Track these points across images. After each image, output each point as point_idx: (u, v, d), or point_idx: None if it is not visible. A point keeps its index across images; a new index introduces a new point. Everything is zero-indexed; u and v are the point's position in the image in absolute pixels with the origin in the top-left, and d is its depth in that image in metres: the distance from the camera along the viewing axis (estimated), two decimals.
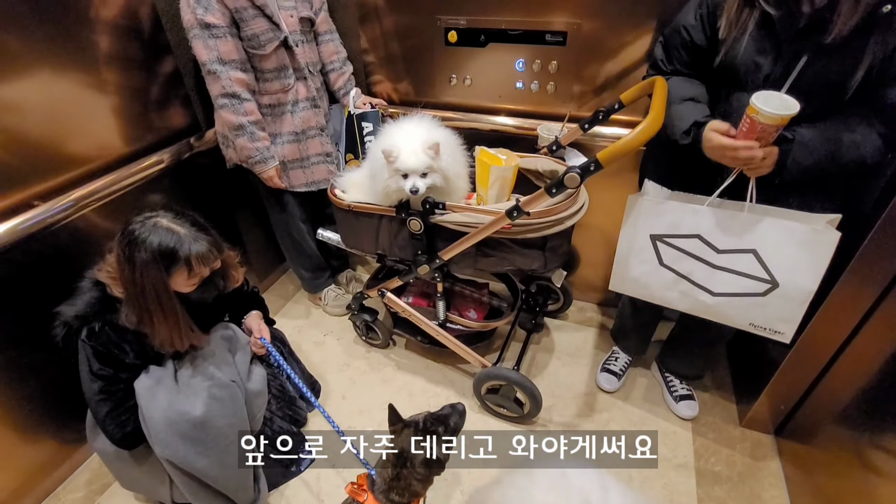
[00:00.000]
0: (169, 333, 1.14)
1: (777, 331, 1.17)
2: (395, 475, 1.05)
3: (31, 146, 1.27)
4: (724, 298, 1.19)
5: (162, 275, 1.08)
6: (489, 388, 1.57)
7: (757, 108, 0.93)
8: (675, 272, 1.23)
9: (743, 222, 1.08)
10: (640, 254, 1.25)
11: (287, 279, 2.34)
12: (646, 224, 1.21)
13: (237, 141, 1.53)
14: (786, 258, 1.07)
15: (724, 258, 1.14)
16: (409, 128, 1.34)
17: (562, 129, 1.55)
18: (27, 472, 1.39)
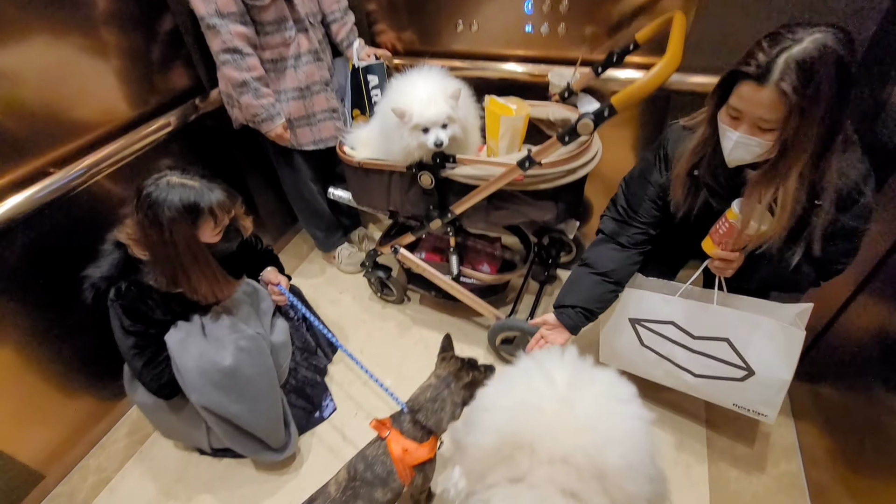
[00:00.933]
0: (209, 285, 1.19)
1: (760, 412, 1.21)
2: (434, 396, 1.13)
3: (38, 114, 1.27)
4: (705, 380, 1.23)
5: (191, 229, 1.11)
6: (504, 338, 1.60)
7: (738, 215, 0.97)
8: (657, 353, 1.27)
9: (713, 313, 1.12)
10: (622, 334, 1.30)
11: (300, 239, 2.37)
12: (624, 308, 1.26)
13: (242, 99, 1.51)
14: (759, 349, 1.11)
15: (700, 343, 1.19)
16: (419, 80, 1.29)
17: (574, 73, 1.49)
18: (72, 425, 1.49)
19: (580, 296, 1.23)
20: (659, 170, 1.16)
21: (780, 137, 0.87)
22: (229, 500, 1.40)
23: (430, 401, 1.14)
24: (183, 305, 1.24)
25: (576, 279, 1.26)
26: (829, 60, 0.79)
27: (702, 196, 1.06)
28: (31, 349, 1.33)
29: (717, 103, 0.95)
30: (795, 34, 0.81)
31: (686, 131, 1.09)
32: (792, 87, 0.80)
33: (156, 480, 1.47)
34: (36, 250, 1.30)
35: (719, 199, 1.04)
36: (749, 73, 0.84)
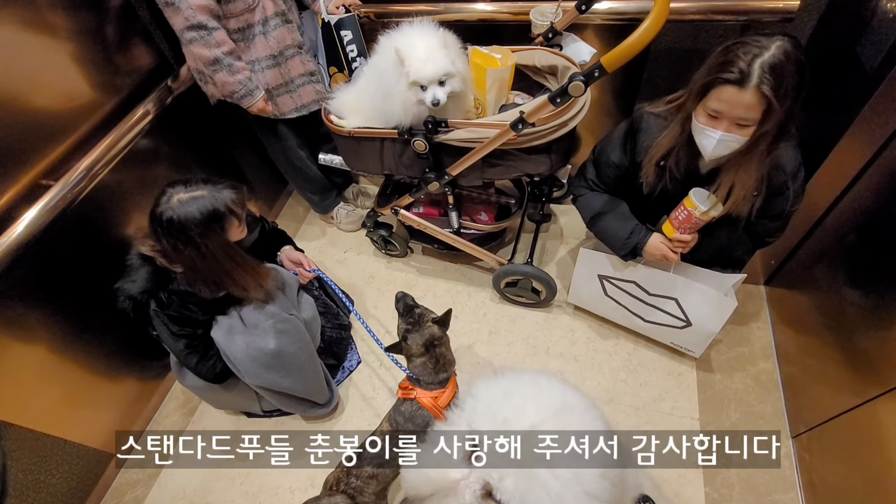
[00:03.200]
0: (254, 280, 1.27)
1: (690, 350, 1.55)
2: (435, 358, 1.26)
3: (18, 121, 1.23)
4: (652, 325, 1.53)
5: (221, 235, 1.16)
6: (507, 282, 1.72)
7: (695, 205, 1.16)
8: (617, 302, 1.54)
9: (668, 279, 1.36)
10: (590, 285, 1.54)
11: (295, 202, 2.37)
12: (596, 266, 1.48)
13: (216, 77, 1.45)
14: (698, 308, 1.38)
15: (654, 299, 1.45)
16: (414, 35, 1.25)
17: (556, 10, 1.44)
18: (124, 407, 1.63)
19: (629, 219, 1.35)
20: (624, 151, 1.31)
21: (756, 132, 1.02)
22: (294, 441, 1.59)
23: (435, 364, 1.27)
24: (219, 303, 1.32)
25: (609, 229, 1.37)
26: (792, 62, 0.95)
27: (663, 181, 1.23)
28: (68, 345, 1.42)
29: (691, 105, 1.08)
30: (760, 42, 0.96)
31: (656, 119, 1.22)
32: (770, 88, 0.95)
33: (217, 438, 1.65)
34: (55, 257, 1.34)
35: (675, 184, 1.22)
36: (730, 79, 0.97)
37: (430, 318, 1.29)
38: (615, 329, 1.70)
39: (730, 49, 0.99)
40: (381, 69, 1.30)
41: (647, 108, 1.25)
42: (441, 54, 1.22)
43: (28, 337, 1.32)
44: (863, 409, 1.14)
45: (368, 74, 1.42)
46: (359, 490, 1.19)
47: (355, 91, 1.49)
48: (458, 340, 1.75)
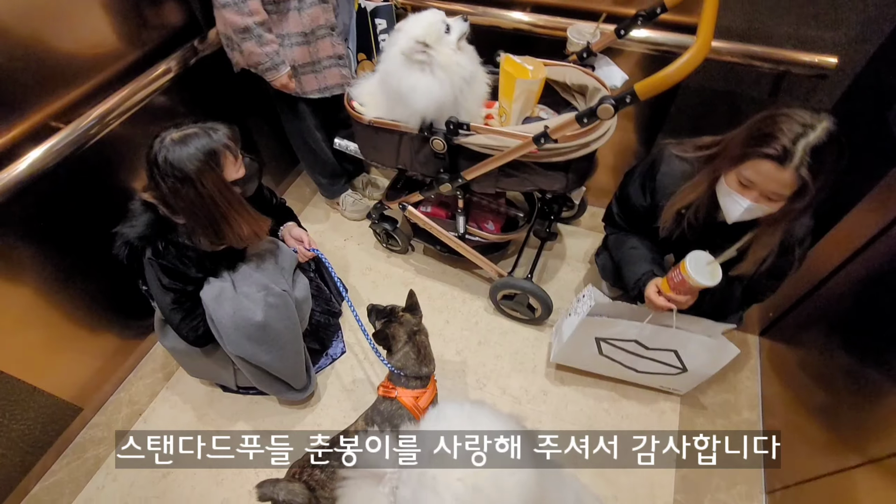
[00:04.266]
0: (250, 226, 1.23)
1: (676, 391, 1.58)
2: (417, 347, 1.28)
3: (38, 60, 1.21)
4: (645, 375, 1.53)
5: (217, 172, 1.13)
6: (504, 294, 1.70)
7: (689, 273, 1.13)
8: (611, 359, 1.51)
9: (670, 334, 1.34)
10: (584, 347, 1.48)
11: (303, 182, 2.35)
12: (593, 329, 1.41)
13: (244, 45, 1.43)
14: (697, 357, 1.38)
15: (653, 353, 1.42)
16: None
17: (594, 31, 1.43)
18: (100, 362, 1.61)
19: (644, 262, 1.34)
20: (643, 191, 1.31)
21: (784, 206, 1.03)
22: (261, 426, 1.57)
23: (418, 354, 1.28)
24: (214, 262, 1.30)
25: (630, 268, 1.37)
26: (835, 145, 0.94)
27: (681, 228, 1.24)
28: (56, 292, 1.40)
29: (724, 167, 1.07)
30: (806, 120, 0.95)
31: (680, 163, 1.21)
32: (808, 171, 0.94)
33: (186, 411, 1.62)
34: (56, 199, 1.32)
35: (693, 232, 1.22)
36: (771, 154, 0.96)
37: (399, 309, 1.32)
38: None
39: (775, 120, 0.97)
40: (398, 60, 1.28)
41: (672, 149, 1.23)
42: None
43: (16, 274, 1.30)
44: (841, 476, 1.12)
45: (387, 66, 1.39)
46: (321, 484, 1.16)
47: (379, 80, 1.47)
48: (447, 346, 1.73)
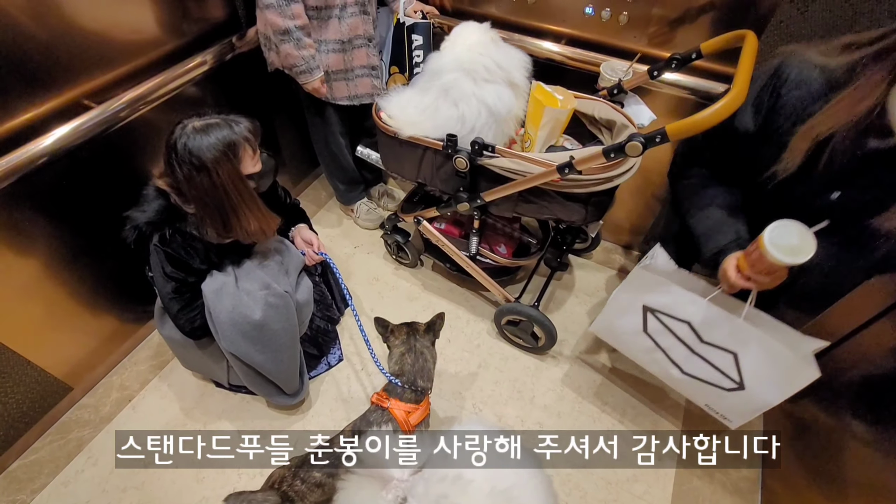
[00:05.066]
0: (258, 222, 1.23)
1: (727, 419, 1.25)
2: (414, 360, 1.26)
3: (84, 39, 1.23)
4: (691, 379, 1.24)
5: (233, 164, 1.13)
6: (509, 320, 1.68)
7: (765, 246, 0.91)
8: (655, 343, 1.27)
9: (734, 327, 1.08)
10: (628, 316, 1.27)
11: (320, 185, 2.37)
12: (644, 295, 1.21)
13: (282, 47, 1.45)
14: (761, 371, 1.09)
15: (705, 349, 1.17)
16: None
17: (627, 69, 1.44)
18: (97, 344, 1.59)
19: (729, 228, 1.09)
20: (758, 111, 0.99)
21: None
22: (244, 428, 1.54)
23: (412, 366, 1.26)
24: (220, 256, 1.29)
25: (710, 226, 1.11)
26: None
27: (810, 168, 0.90)
28: (61, 267, 1.40)
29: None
30: None
31: (819, 73, 0.89)
32: None
33: (175, 403, 1.60)
34: (75, 178, 1.33)
35: (822, 179, 0.91)
36: None
37: (421, 323, 1.34)
38: (606, 391, 1.65)
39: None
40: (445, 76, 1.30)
41: (806, 53, 0.93)
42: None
43: (27, 247, 1.30)
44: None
45: (427, 81, 1.41)
46: (300, 495, 1.12)
47: (408, 94, 1.49)
48: (446, 366, 1.70)
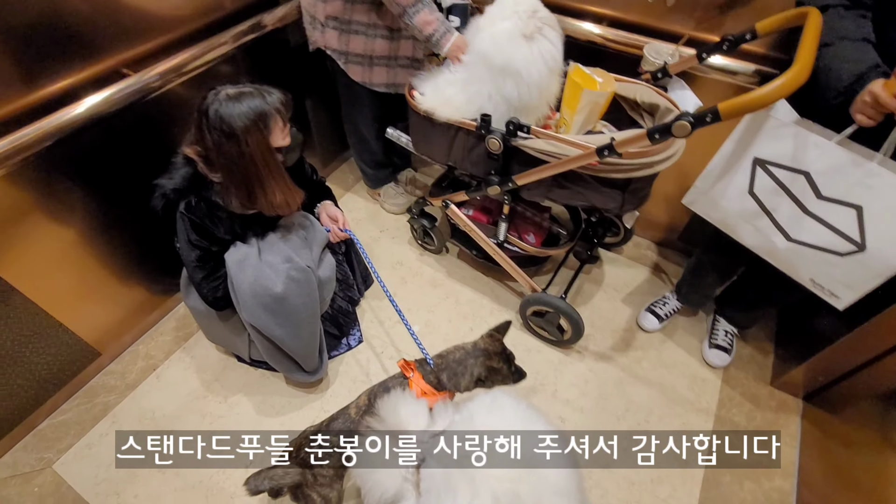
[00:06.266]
0: (283, 195, 1.22)
1: (835, 294, 1.10)
2: (461, 360, 1.18)
3: (120, 9, 1.24)
4: (798, 246, 1.10)
5: (264, 135, 1.13)
6: (535, 311, 1.63)
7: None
8: (761, 205, 1.11)
9: (864, 173, 0.95)
10: (732, 174, 1.13)
11: (348, 168, 2.36)
12: (757, 144, 1.06)
13: (417, 18, 1.34)
14: (890, 226, 0.97)
15: (822, 206, 1.03)
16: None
17: (673, 52, 1.38)
18: (126, 312, 1.62)
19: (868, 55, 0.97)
20: None
21: None
22: (261, 405, 1.54)
23: (455, 362, 1.19)
24: (244, 227, 1.29)
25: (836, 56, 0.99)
26: None
27: None
28: (97, 236, 1.42)
29: None
30: None
31: None
32: None
33: (197, 374, 1.61)
34: (109, 147, 1.34)
35: None
36: None
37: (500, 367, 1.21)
38: (631, 389, 1.59)
39: None
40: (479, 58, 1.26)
41: None
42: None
43: (64, 214, 1.32)
44: None
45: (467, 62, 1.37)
46: (319, 459, 1.11)
47: (444, 77, 1.45)
48: None
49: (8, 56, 1.08)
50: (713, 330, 1.70)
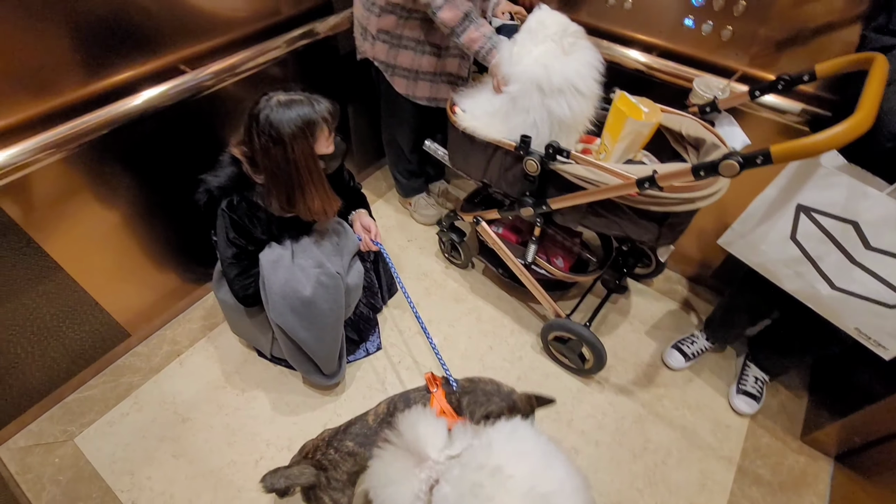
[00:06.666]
0: (321, 202, 1.25)
1: (882, 345, 1.06)
2: (487, 392, 1.18)
3: (182, 9, 1.30)
4: (843, 295, 1.06)
5: (309, 142, 1.16)
6: (557, 336, 1.60)
7: None
8: (804, 251, 1.07)
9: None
10: (774, 219, 1.10)
11: (382, 175, 2.39)
12: (804, 191, 1.03)
13: (464, 36, 1.37)
14: None
15: (870, 257, 0.99)
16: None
17: (724, 87, 1.34)
18: (158, 297, 1.67)
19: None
20: None
21: None
22: (277, 402, 1.56)
23: (483, 393, 1.19)
24: (281, 229, 1.32)
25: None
26: None
27: None
28: (138, 220, 1.48)
29: None
30: None
31: None
32: None
33: (219, 365, 1.65)
34: (158, 139, 1.40)
35: None
36: None
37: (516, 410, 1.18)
38: (651, 427, 1.54)
39: None
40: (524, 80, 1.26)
41: None
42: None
43: (111, 198, 1.38)
44: None
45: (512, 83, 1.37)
46: (334, 464, 1.12)
47: (485, 95, 1.46)
48: (484, 374, 1.64)
49: (78, 48, 1.14)
50: (742, 374, 1.63)
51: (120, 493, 1.36)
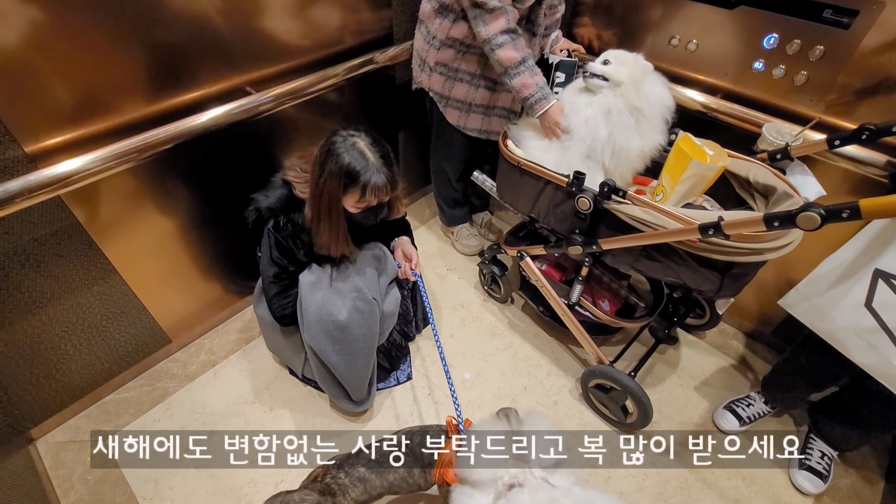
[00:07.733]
0: (328, 240, 1.26)
1: None
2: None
3: (253, 35, 1.36)
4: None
5: (339, 189, 1.17)
6: (598, 384, 1.51)
7: None
8: (881, 322, 0.99)
9: None
10: (848, 284, 1.02)
11: (426, 202, 2.40)
12: (880, 255, 0.97)
13: (516, 80, 1.38)
14: None
15: None
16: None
17: (798, 134, 1.26)
18: (201, 306, 1.71)
19: None
20: None
21: None
22: (303, 423, 1.54)
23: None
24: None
25: None
26: None
27: None
28: (190, 231, 1.52)
29: None
30: None
31: None
32: None
33: (250, 379, 1.65)
34: (217, 155, 1.45)
35: None
36: None
37: None
38: (698, 495, 1.39)
39: None
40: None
41: None
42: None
43: (169, 207, 1.44)
44: None
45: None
46: (343, 489, 1.08)
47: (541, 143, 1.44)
48: None
49: (154, 68, 1.21)
50: (807, 447, 1.46)
51: (142, 499, 1.36)
